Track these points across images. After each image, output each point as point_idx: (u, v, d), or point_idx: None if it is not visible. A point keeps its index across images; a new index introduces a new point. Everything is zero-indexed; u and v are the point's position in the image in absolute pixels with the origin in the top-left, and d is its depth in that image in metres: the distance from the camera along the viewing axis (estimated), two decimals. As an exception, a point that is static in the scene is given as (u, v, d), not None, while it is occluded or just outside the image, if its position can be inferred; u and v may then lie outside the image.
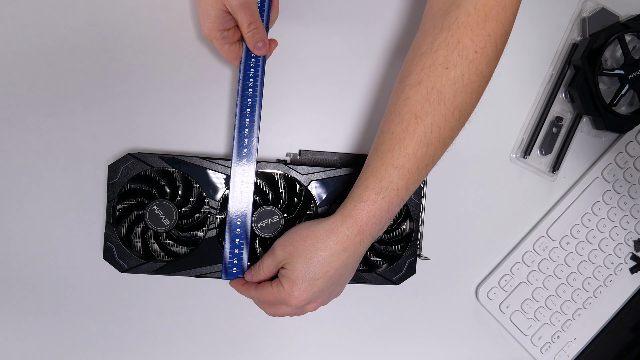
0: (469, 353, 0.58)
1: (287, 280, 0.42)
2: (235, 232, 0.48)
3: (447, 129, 0.41)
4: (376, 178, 0.41)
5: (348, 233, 0.41)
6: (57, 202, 0.52)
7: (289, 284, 0.42)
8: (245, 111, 0.48)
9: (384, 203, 0.41)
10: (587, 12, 0.57)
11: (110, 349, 0.53)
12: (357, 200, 0.41)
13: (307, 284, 0.42)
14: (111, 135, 0.52)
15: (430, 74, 0.40)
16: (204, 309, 0.54)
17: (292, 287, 0.42)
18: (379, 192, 0.41)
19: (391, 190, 0.41)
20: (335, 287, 0.45)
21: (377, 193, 0.41)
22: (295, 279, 0.42)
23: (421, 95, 0.40)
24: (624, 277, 0.59)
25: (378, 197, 0.41)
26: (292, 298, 0.42)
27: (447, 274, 0.57)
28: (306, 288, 0.42)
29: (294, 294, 0.42)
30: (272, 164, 0.49)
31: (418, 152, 0.41)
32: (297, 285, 0.42)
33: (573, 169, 0.59)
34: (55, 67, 0.51)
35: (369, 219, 0.41)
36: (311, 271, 0.41)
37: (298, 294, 0.42)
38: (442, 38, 0.40)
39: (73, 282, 0.52)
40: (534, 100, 0.58)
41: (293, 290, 0.42)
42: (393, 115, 0.42)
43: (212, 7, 0.44)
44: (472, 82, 0.40)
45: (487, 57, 0.41)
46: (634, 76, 0.56)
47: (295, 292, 0.42)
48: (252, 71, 0.48)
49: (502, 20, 0.40)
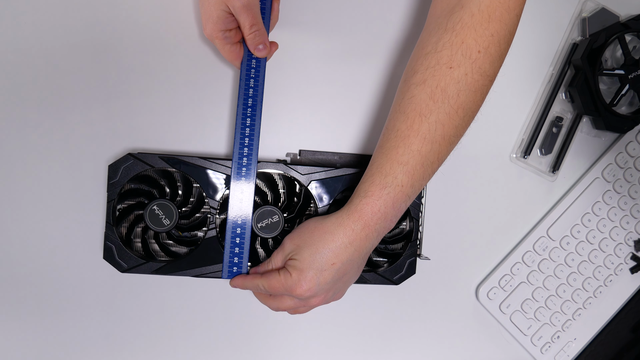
0: (469, 353, 0.58)
1: (294, 269, 0.43)
2: (235, 232, 0.48)
3: (451, 127, 0.42)
4: (381, 174, 0.42)
5: (354, 227, 0.42)
6: (57, 202, 0.52)
7: (296, 272, 0.43)
8: (245, 111, 0.48)
9: (388, 199, 0.41)
10: (587, 12, 0.57)
11: (110, 349, 0.53)
12: (362, 195, 0.42)
13: (314, 274, 0.42)
14: (111, 135, 0.52)
15: (434, 73, 0.41)
16: (204, 309, 0.54)
17: (300, 275, 0.42)
18: (384, 187, 0.41)
19: (396, 186, 0.41)
20: (340, 283, 0.45)
21: (381, 189, 0.41)
22: (303, 268, 0.42)
23: (426, 94, 0.41)
24: (624, 277, 0.59)
25: (383, 193, 0.41)
26: (299, 287, 0.42)
27: (447, 274, 0.57)
28: (313, 278, 0.42)
29: (301, 283, 0.42)
30: (272, 163, 0.49)
31: (422, 149, 0.41)
32: (304, 274, 0.42)
33: (573, 169, 0.59)
34: (55, 67, 0.51)
35: (374, 214, 0.42)
36: (318, 261, 0.42)
37: (305, 283, 0.42)
38: (446, 38, 0.41)
39: (73, 282, 0.52)
40: (534, 100, 0.58)
41: (300, 279, 0.42)
42: (398, 113, 0.43)
43: (214, 8, 0.44)
44: (476, 81, 0.41)
45: (490, 57, 0.41)
46: (634, 76, 0.56)
47: (302, 281, 0.42)
48: (253, 72, 0.48)
49: (505, 21, 0.41)
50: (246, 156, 0.48)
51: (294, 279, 0.43)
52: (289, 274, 0.43)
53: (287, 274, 0.43)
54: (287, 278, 0.43)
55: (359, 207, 0.42)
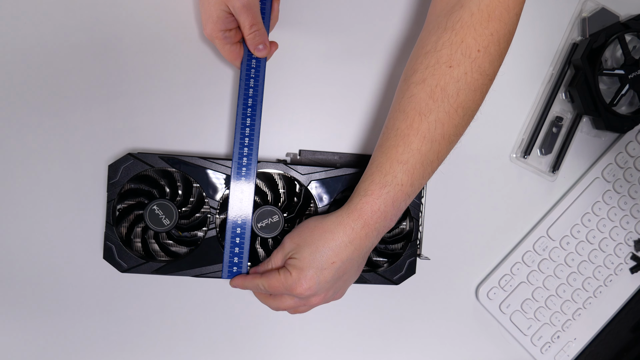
0: (469, 353, 0.58)
1: (294, 268, 0.43)
2: (235, 232, 0.48)
3: (451, 126, 0.42)
4: (381, 173, 0.42)
5: (354, 226, 0.42)
6: (57, 202, 0.52)
7: (296, 271, 0.43)
8: (245, 111, 0.48)
9: (388, 197, 0.41)
10: (587, 12, 0.57)
11: (110, 349, 0.53)
12: (362, 194, 0.42)
13: (314, 273, 0.42)
14: (111, 135, 0.52)
15: (434, 72, 0.41)
16: (204, 309, 0.54)
17: (300, 274, 0.42)
18: (384, 186, 0.41)
19: (395, 185, 0.41)
20: (340, 282, 0.45)
21: (381, 187, 0.41)
22: (303, 266, 0.42)
23: (425, 93, 0.41)
24: (624, 277, 0.59)
25: (382, 192, 0.41)
26: (299, 286, 0.42)
27: (447, 274, 0.57)
28: (313, 276, 0.42)
29: (301, 282, 0.42)
30: (272, 163, 0.49)
31: (422, 148, 0.41)
32: (304, 273, 0.42)
33: (573, 169, 0.59)
34: (55, 67, 0.51)
35: (374, 212, 0.42)
36: (318, 260, 0.42)
37: (305, 282, 0.42)
38: (445, 37, 0.41)
39: (73, 282, 0.52)
40: (534, 100, 0.58)
41: (300, 278, 0.42)
42: (398, 112, 0.43)
43: (214, 7, 0.44)
44: (475, 80, 0.41)
45: (490, 56, 0.41)
46: (634, 76, 0.56)
47: (302, 280, 0.42)
48: (253, 71, 0.48)
49: (505, 20, 0.41)
50: (246, 156, 0.48)
51: (294, 277, 0.43)
52: (288, 273, 0.43)
53: (287, 273, 0.43)
54: (287, 277, 0.43)
55: (358, 206, 0.42)
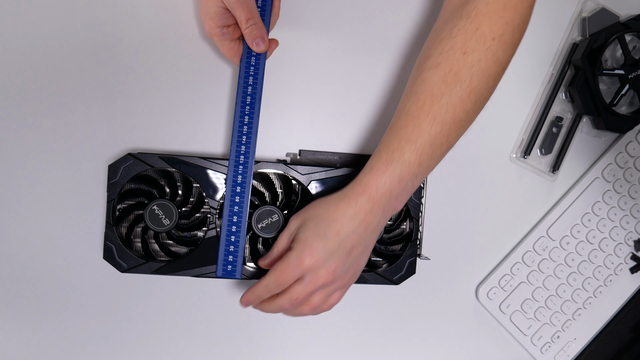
0: (469, 353, 0.58)
1: (298, 242, 0.42)
2: (231, 230, 0.48)
3: (462, 111, 0.42)
4: (388, 150, 0.42)
5: (358, 199, 0.42)
6: (57, 202, 0.52)
7: (300, 243, 0.42)
8: (244, 108, 0.48)
9: (394, 174, 0.42)
10: (587, 12, 0.57)
11: (110, 349, 0.53)
12: (367, 170, 0.43)
13: (318, 241, 0.42)
14: (111, 135, 0.52)
15: (448, 58, 0.42)
16: (204, 309, 0.54)
17: (304, 244, 0.42)
18: (390, 162, 0.42)
19: (402, 162, 0.42)
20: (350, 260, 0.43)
21: (387, 164, 0.42)
22: (307, 237, 0.42)
23: (438, 77, 0.42)
24: (624, 277, 0.59)
25: (388, 168, 0.42)
26: (305, 257, 0.41)
27: (447, 274, 0.57)
28: (318, 245, 0.42)
29: (306, 251, 0.41)
30: (272, 163, 0.49)
31: (432, 129, 0.42)
32: (309, 242, 0.42)
33: (573, 169, 0.59)
34: (55, 67, 0.51)
35: (379, 187, 0.42)
36: (322, 229, 0.42)
37: (309, 250, 0.41)
38: (461, 25, 0.42)
39: (73, 282, 0.52)
40: (534, 100, 0.58)
41: (305, 247, 0.42)
42: (410, 95, 0.43)
43: (211, 4, 0.45)
44: (489, 67, 0.42)
45: (504, 45, 0.42)
46: (634, 76, 0.56)
47: (307, 249, 0.42)
48: (252, 69, 0.48)
49: (519, 10, 0.43)
50: (244, 154, 0.48)
51: (299, 250, 0.42)
52: (293, 251, 0.42)
53: (292, 251, 0.42)
54: (291, 254, 0.42)
55: (363, 181, 0.42)
